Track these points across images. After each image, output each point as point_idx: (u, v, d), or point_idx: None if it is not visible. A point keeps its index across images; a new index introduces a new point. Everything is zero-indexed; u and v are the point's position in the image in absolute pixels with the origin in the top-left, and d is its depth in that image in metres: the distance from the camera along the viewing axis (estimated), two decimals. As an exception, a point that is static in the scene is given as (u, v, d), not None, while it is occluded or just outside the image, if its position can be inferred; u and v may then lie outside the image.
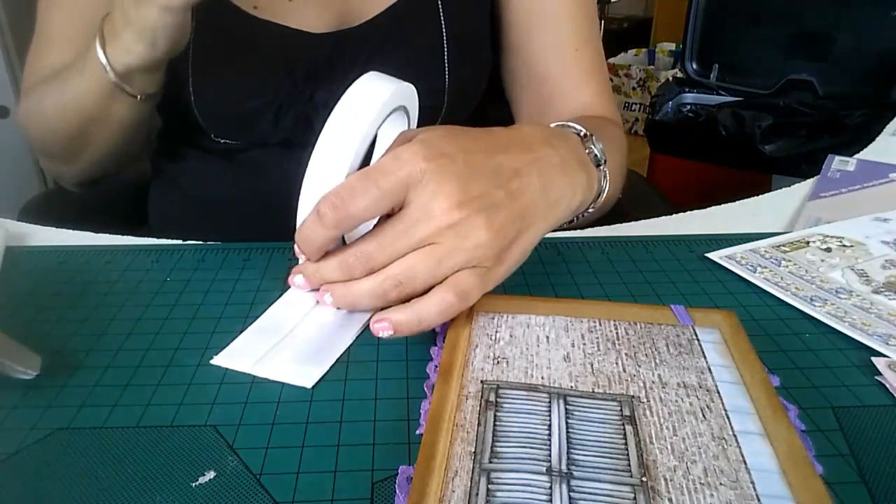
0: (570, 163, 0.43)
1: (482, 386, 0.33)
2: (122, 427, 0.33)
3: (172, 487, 0.29)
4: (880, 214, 0.54)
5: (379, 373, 0.37)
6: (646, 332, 0.37)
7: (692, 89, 1.75)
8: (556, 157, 0.41)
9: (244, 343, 0.39)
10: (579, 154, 0.45)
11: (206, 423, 0.33)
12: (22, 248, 0.50)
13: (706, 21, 1.71)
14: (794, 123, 1.52)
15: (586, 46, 0.66)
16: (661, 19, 3.30)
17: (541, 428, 0.30)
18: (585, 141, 0.46)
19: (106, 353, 0.38)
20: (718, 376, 0.34)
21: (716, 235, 0.52)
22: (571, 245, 0.51)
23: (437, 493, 0.27)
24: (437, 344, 0.38)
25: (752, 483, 0.28)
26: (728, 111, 1.58)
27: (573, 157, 0.43)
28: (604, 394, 0.33)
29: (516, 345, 0.36)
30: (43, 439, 0.32)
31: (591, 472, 0.28)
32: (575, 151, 0.44)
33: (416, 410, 0.34)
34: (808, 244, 0.50)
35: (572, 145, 0.45)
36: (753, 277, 0.46)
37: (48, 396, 0.35)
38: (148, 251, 0.50)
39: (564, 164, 0.42)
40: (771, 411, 0.31)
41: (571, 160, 0.43)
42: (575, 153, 0.44)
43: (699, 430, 0.30)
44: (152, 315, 0.42)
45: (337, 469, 0.30)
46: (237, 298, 0.44)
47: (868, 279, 0.45)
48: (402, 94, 0.42)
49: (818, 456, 0.31)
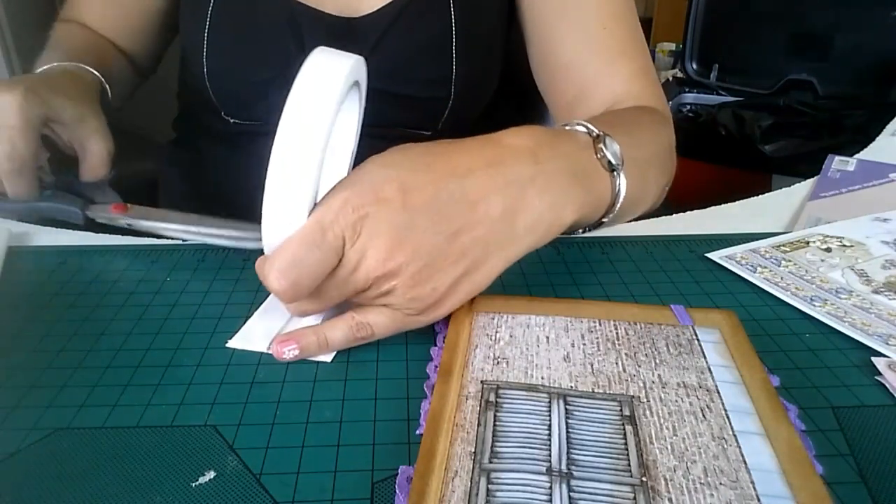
0: (558, 178, 0.39)
1: (482, 386, 0.33)
2: (122, 427, 0.33)
3: (172, 487, 0.29)
4: (880, 214, 0.54)
5: (379, 373, 0.37)
6: (646, 332, 0.37)
7: (692, 89, 1.75)
8: (537, 175, 0.37)
9: (256, 325, 0.40)
10: (581, 164, 0.41)
11: (206, 423, 0.33)
12: (23, 249, 0.50)
13: (706, 21, 1.71)
14: (794, 123, 1.52)
15: (616, 23, 0.59)
16: (661, 19, 3.30)
17: (541, 428, 0.30)
18: (597, 143, 0.43)
19: (106, 353, 0.38)
20: (718, 376, 0.34)
21: (716, 235, 0.52)
22: (571, 245, 0.51)
23: (437, 493, 0.27)
24: (437, 344, 0.38)
25: (752, 483, 0.28)
26: (728, 111, 1.57)
27: (566, 171, 0.39)
28: (604, 394, 0.33)
29: (516, 345, 0.36)
30: (43, 439, 0.32)
31: (591, 472, 0.28)
32: (573, 162, 0.40)
33: (416, 410, 0.34)
34: (808, 244, 0.50)
35: (571, 154, 0.41)
36: (753, 277, 0.46)
37: (48, 396, 0.35)
38: (148, 251, 0.50)
39: (549, 181, 0.38)
40: (771, 411, 0.31)
41: (561, 175, 0.39)
42: (571, 164, 0.40)
43: (699, 430, 0.30)
44: (152, 315, 0.42)
45: (337, 469, 0.30)
46: (237, 298, 0.44)
47: (868, 279, 0.45)
48: (358, 68, 0.38)
49: (818, 456, 0.31)
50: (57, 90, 0.52)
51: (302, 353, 0.37)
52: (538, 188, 0.37)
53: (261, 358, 0.38)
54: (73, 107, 0.52)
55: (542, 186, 0.37)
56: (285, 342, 0.37)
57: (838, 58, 1.55)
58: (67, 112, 0.51)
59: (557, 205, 0.38)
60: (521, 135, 0.39)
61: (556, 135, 0.42)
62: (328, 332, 0.37)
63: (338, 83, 0.35)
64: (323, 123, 0.34)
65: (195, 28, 0.61)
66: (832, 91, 1.54)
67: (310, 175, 0.33)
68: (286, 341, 0.37)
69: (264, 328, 0.40)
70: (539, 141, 0.39)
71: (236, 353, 0.38)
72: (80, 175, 0.54)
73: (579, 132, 0.44)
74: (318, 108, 0.34)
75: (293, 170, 0.33)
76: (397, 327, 0.37)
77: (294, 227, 0.34)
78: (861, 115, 1.47)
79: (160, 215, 0.50)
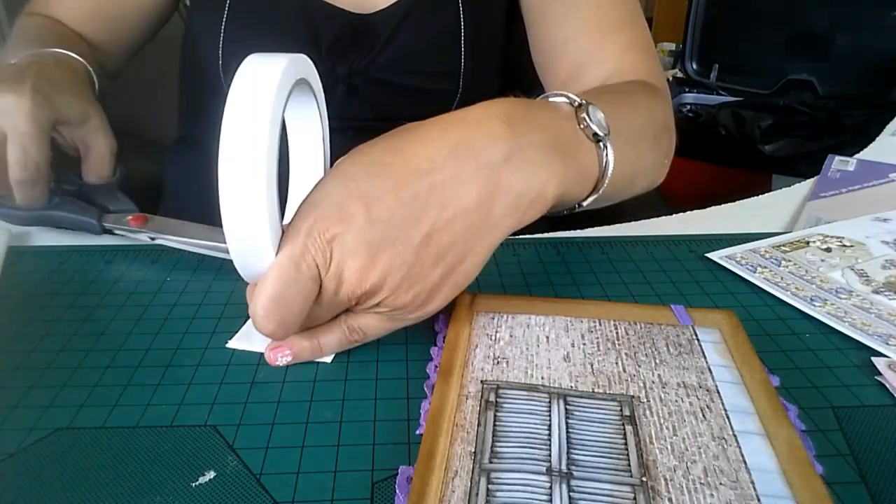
0: (536, 152, 0.36)
1: (482, 386, 0.33)
2: (122, 427, 0.33)
3: (172, 487, 0.29)
4: (880, 214, 0.54)
5: (379, 373, 0.37)
6: (646, 332, 0.37)
7: (692, 89, 1.75)
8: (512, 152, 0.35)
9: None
10: (562, 134, 0.38)
11: (206, 423, 0.33)
12: (23, 249, 0.50)
13: (706, 21, 1.71)
14: (794, 123, 1.52)
15: (609, 1, 0.59)
16: (661, 19, 3.30)
17: (541, 428, 0.30)
18: (580, 112, 0.40)
19: (106, 353, 0.38)
20: (718, 376, 0.34)
21: (716, 235, 0.52)
22: (571, 245, 0.51)
23: (437, 493, 0.27)
24: (437, 344, 0.38)
25: (752, 483, 0.28)
26: (728, 111, 1.57)
27: (543, 143, 0.36)
28: (604, 394, 0.33)
29: (516, 345, 0.36)
30: (43, 439, 0.32)
31: (591, 472, 0.28)
32: (552, 133, 0.38)
33: (416, 410, 0.34)
34: (808, 244, 0.50)
35: (550, 125, 0.38)
36: (753, 277, 0.46)
37: (48, 396, 0.35)
38: (148, 251, 0.50)
39: (525, 156, 0.35)
40: (771, 411, 0.31)
41: (539, 148, 0.36)
42: (551, 136, 0.37)
43: (699, 430, 0.30)
44: (152, 315, 0.42)
45: (337, 469, 0.30)
46: (237, 298, 0.44)
47: (868, 279, 0.45)
48: (297, 67, 0.36)
49: (818, 456, 0.31)
50: (60, 87, 0.50)
51: (295, 359, 0.37)
52: (513, 166, 0.34)
53: (261, 358, 0.38)
54: (78, 105, 0.51)
55: (518, 163, 0.35)
56: (278, 349, 0.37)
57: (838, 58, 1.55)
58: (74, 112, 0.50)
59: (537, 181, 0.35)
60: (492, 108, 0.36)
61: (533, 105, 0.39)
62: (321, 337, 0.37)
63: (269, 89, 0.32)
64: (261, 132, 0.31)
65: (211, 19, 0.62)
66: (832, 91, 1.54)
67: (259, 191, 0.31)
68: (279, 347, 0.37)
69: None
70: (512, 113, 0.36)
71: (236, 353, 0.38)
72: (83, 175, 0.53)
73: (560, 102, 0.41)
74: (253, 119, 0.32)
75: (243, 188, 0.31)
76: (389, 329, 0.37)
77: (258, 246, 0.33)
78: (861, 115, 1.47)
79: (180, 228, 0.48)
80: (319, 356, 0.37)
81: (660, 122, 0.53)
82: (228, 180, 0.32)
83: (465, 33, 0.63)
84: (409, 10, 0.63)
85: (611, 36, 0.58)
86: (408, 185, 0.33)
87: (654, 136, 0.50)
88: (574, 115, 0.40)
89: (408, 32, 0.63)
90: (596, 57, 0.58)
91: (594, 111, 0.40)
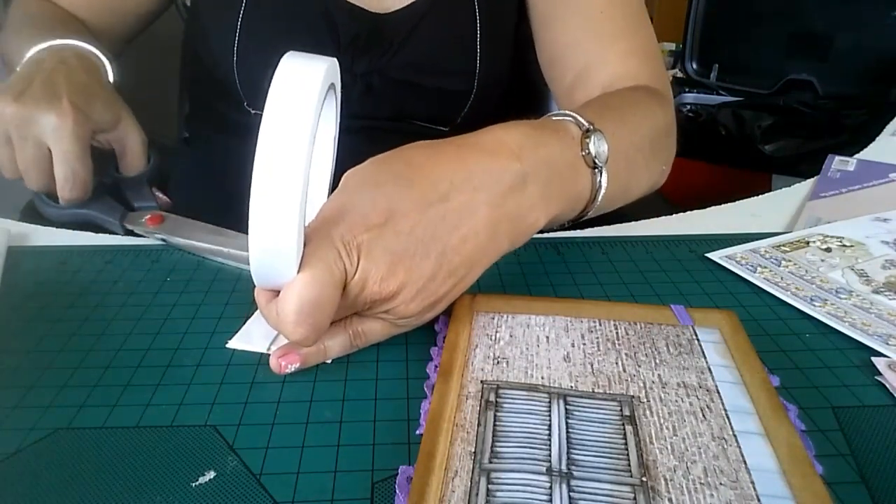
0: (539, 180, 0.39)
1: (482, 386, 0.33)
2: (122, 427, 0.33)
3: (172, 487, 0.29)
4: (880, 214, 0.54)
5: (379, 373, 0.37)
6: (646, 332, 0.37)
7: (692, 89, 1.74)
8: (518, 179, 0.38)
9: (256, 325, 0.40)
10: (564, 162, 0.41)
11: (206, 423, 0.33)
12: (23, 249, 0.50)
13: (706, 21, 1.71)
14: (794, 123, 1.52)
15: (613, 6, 0.60)
16: (661, 19, 3.29)
17: (541, 428, 0.30)
18: (585, 138, 0.42)
19: (106, 353, 0.38)
20: (718, 376, 0.34)
21: (716, 235, 0.52)
22: (571, 245, 0.51)
23: (437, 493, 0.27)
24: (437, 344, 0.38)
25: (752, 483, 0.28)
26: (728, 111, 1.57)
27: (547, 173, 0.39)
28: (604, 394, 0.33)
29: (516, 345, 0.36)
30: (43, 439, 0.32)
31: (591, 472, 0.28)
32: (556, 162, 0.41)
33: (416, 410, 0.34)
34: (808, 244, 0.50)
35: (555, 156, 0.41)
36: (753, 277, 0.46)
37: (48, 396, 0.35)
38: (148, 251, 0.50)
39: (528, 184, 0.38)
40: (771, 411, 0.31)
41: (542, 177, 0.39)
42: (554, 166, 0.40)
43: (699, 430, 0.30)
44: (152, 315, 0.42)
45: (337, 469, 0.30)
46: (237, 298, 0.44)
47: (868, 279, 0.45)
48: (332, 71, 0.36)
49: (818, 456, 0.30)
50: (91, 94, 0.52)
51: (303, 366, 0.37)
52: (517, 197, 0.38)
53: (261, 358, 0.38)
54: (110, 111, 0.53)
55: (520, 195, 0.38)
56: (286, 356, 0.36)
57: (838, 58, 1.54)
58: (108, 118, 0.52)
59: (534, 211, 0.39)
60: (506, 137, 0.39)
61: (543, 134, 0.41)
62: (326, 340, 0.37)
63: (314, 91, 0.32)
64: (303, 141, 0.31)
65: (226, 16, 0.62)
66: (832, 91, 1.54)
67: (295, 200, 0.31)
68: (286, 355, 0.36)
69: (264, 328, 0.40)
70: (523, 143, 0.39)
71: (236, 353, 0.38)
72: (122, 170, 0.55)
73: (569, 125, 0.43)
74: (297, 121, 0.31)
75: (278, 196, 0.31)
76: (389, 334, 0.38)
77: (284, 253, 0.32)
78: (861, 115, 1.47)
79: (193, 229, 0.50)
80: (324, 359, 0.37)
81: (661, 129, 0.54)
82: (264, 187, 0.31)
83: (481, 33, 0.64)
84: (427, 9, 0.63)
85: (615, 40, 0.59)
86: (430, 203, 0.35)
87: (652, 149, 0.52)
88: (579, 142, 0.42)
89: (425, 32, 0.63)
90: (600, 63, 0.59)
91: (599, 141, 0.43)
